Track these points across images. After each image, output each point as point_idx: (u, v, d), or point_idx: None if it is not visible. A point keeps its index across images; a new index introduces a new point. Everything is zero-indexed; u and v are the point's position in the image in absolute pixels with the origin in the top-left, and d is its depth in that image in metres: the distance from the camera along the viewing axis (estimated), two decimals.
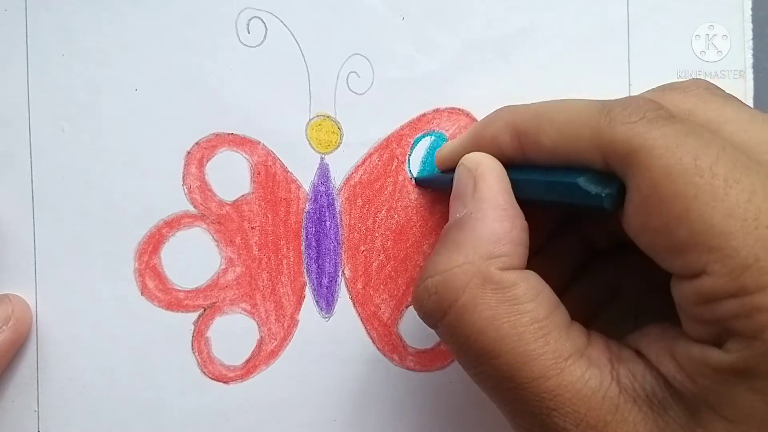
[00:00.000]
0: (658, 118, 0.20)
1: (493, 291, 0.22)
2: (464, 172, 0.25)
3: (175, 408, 0.29)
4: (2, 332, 0.28)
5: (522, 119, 0.24)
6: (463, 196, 0.24)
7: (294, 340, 0.30)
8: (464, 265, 0.23)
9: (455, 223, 0.24)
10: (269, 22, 0.29)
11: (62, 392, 0.29)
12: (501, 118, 0.25)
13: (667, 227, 0.20)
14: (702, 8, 0.30)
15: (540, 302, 0.22)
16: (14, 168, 0.29)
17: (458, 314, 0.22)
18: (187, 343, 0.29)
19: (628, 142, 0.20)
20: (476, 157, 0.25)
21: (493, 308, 0.22)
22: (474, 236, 0.23)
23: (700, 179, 0.19)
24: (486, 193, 0.24)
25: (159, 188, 0.29)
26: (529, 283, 0.22)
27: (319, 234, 0.30)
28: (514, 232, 0.23)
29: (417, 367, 0.30)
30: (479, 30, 0.30)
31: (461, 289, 0.22)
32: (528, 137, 0.24)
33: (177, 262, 0.30)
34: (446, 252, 0.23)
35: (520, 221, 0.24)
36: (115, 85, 0.29)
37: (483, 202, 0.24)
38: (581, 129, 0.22)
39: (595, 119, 0.21)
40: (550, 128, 0.23)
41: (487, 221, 0.23)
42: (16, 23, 0.29)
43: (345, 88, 0.30)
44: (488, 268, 0.22)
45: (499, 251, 0.23)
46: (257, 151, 0.30)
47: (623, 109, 0.21)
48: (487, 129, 0.26)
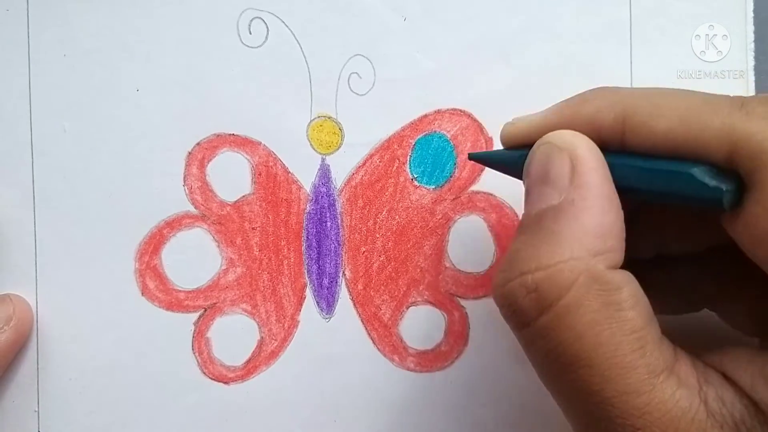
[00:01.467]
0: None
1: (598, 292, 0.20)
2: (555, 152, 0.22)
3: (175, 408, 0.29)
4: (3, 332, 0.28)
5: (631, 100, 0.22)
6: (558, 180, 0.21)
7: (294, 341, 0.30)
8: (571, 261, 0.20)
9: (550, 211, 0.21)
10: (271, 22, 0.29)
11: (63, 392, 0.29)
12: (603, 97, 0.23)
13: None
14: (702, 8, 0.30)
15: (639, 310, 0.20)
16: (15, 168, 0.29)
17: (558, 315, 0.20)
18: (188, 344, 0.29)
19: (765, 138, 0.19)
20: (570, 136, 0.22)
21: (595, 311, 0.20)
22: (580, 228, 0.20)
23: None
24: (590, 179, 0.21)
25: (160, 188, 0.29)
26: (631, 287, 0.20)
27: (320, 235, 0.30)
28: (618, 224, 0.21)
29: (417, 367, 0.30)
30: (480, 31, 0.30)
31: (566, 288, 0.20)
32: (637, 120, 0.21)
33: (178, 262, 0.30)
34: (546, 244, 0.21)
35: (622, 213, 0.21)
36: (116, 85, 0.29)
37: (587, 189, 0.21)
38: (709, 117, 0.20)
39: (727, 110, 0.20)
40: (671, 113, 0.21)
41: (593, 212, 0.21)
42: (18, 23, 0.29)
43: (346, 88, 0.30)
44: (597, 266, 0.20)
45: (607, 246, 0.20)
46: (258, 151, 0.30)
47: (762, 105, 0.19)
48: (585, 106, 0.23)
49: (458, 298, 0.30)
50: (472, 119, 0.30)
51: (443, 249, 0.30)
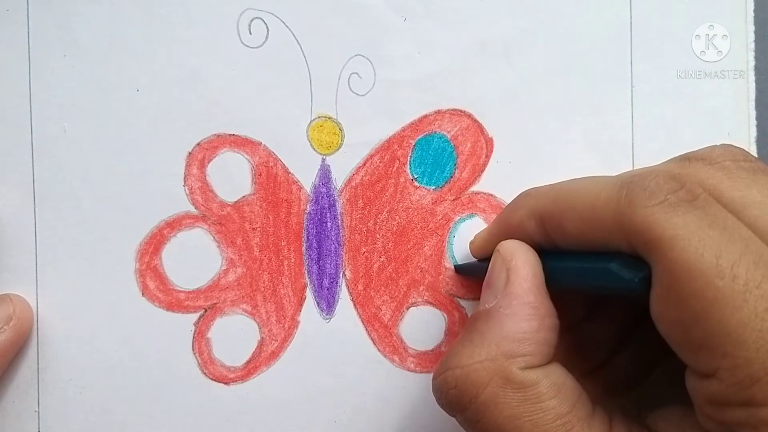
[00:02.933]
0: (680, 201, 0.20)
1: (514, 390, 0.22)
2: (499, 261, 0.25)
3: (175, 408, 0.29)
4: (3, 332, 0.28)
5: (543, 206, 0.24)
6: (495, 286, 0.24)
7: (295, 341, 0.30)
8: (485, 362, 0.22)
9: (483, 314, 0.24)
10: (271, 23, 0.29)
11: (63, 392, 0.29)
12: (523, 205, 0.25)
13: (684, 324, 0.19)
14: (702, 8, 0.30)
15: (562, 397, 0.22)
16: (16, 168, 0.29)
17: (478, 410, 0.22)
18: (188, 344, 0.29)
19: (650, 228, 0.20)
20: (511, 246, 0.25)
21: (514, 408, 0.21)
22: (499, 332, 0.23)
23: (720, 281, 0.18)
24: (517, 288, 0.23)
25: (160, 189, 0.29)
26: (550, 378, 0.22)
27: (320, 235, 0.30)
28: (541, 332, 0.23)
29: (417, 368, 0.30)
30: (481, 31, 0.30)
31: (481, 387, 0.22)
32: (552, 224, 0.24)
33: (178, 262, 0.30)
34: (470, 344, 0.23)
35: (550, 320, 0.23)
36: (116, 85, 0.29)
37: (513, 298, 0.23)
38: (602, 214, 0.21)
39: (614, 202, 0.21)
40: (572, 215, 0.23)
41: (515, 318, 0.23)
42: (18, 23, 0.29)
43: (346, 89, 0.30)
44: (509, 368, 0.22)
45: (523, 351, 0.22)
46: (258, 152, 0.30)
47: (642, 190, 0.20)
48: (512, 217, 0.26)
49: (458, 298, 0.30)
50: (473, 120, 0.30)
51: (443, 250, 0.30)
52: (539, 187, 0.26)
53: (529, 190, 0.26)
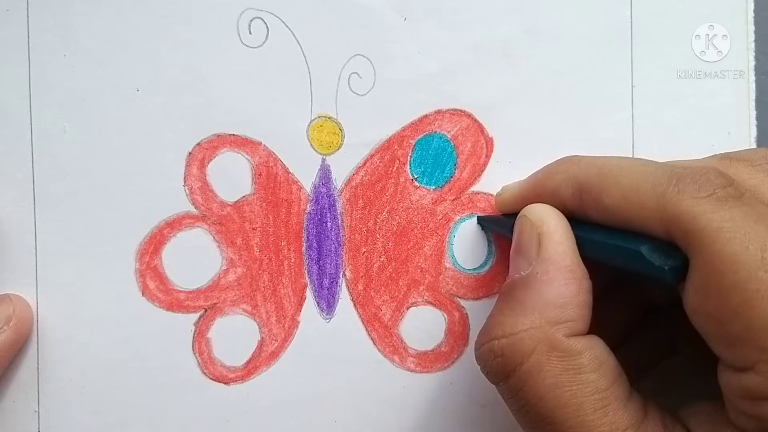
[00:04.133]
0: (728, 197, 0.20)
1: (558, 359, 0.22)
2: (527, 226, 0.25)
3: (175, 408, 0.29)
4: (3, 332, 0.28)
5: (586, 175, 0.24)
6: (527, 252, 0.24)
7: (295, 341, 0.30)
8: (531, 330, 0.22)
9: (520, 282, 0.24)
10: (271, 22, 0.29)
11: (63, 392, 0.29)
12: (564, 170, 0.25)
13: (722, 315, 0.19)
14: (702, 8, 0.30)
15: (603, 372, 0.22)
16: (16, 168, 0.29)
17: (521, 379, 0.22)
18: (188, 344, 0.29)
19: (695, 219, 0.20)
20: (540, 211, 0.25)
21: (557, 376, 0.22)
22: (541, 299, 0.23)
23: (765, 274, 0.19)
24: (552, 253, 0.23)
25: (160, 189, 0.29)
26: (593, 351, 0.22)
27: (320, 235, 0.30)
28: (580, 295, 0.23)
29: (418, 368, 0.30)
30: (481, 31, 0.30)
31: (527, 354, 0.22)
32: (590, 195, 0.23)
33: (178, 262, 0.30)
34: (512, 314, 0.23)
35: (587, 283, 0.23)
36: (116, 85, 0.29)
37: (549, 263, 0.23)
38: (647, 196, 0.21)
39: (662, 187, 0.21)
40: (615, 190, 0.22)
41: (554, 284, 0.23)
42: (18, 23, 0.29)
43: (346, 89, 0.30)
44: (555, 335, 0.22)
45: (567, 316, 0.22)
46: (258, 152, 0.30)
47: (693, 181, 0.21)
48: (549, 180, 0.25)
49: (458, 298, 0.30)
50: (473, 119, 0.30)
51: (443, 249, 0.30)
52: (582, 156, 0.25)
53: (573, 156, 0.26)
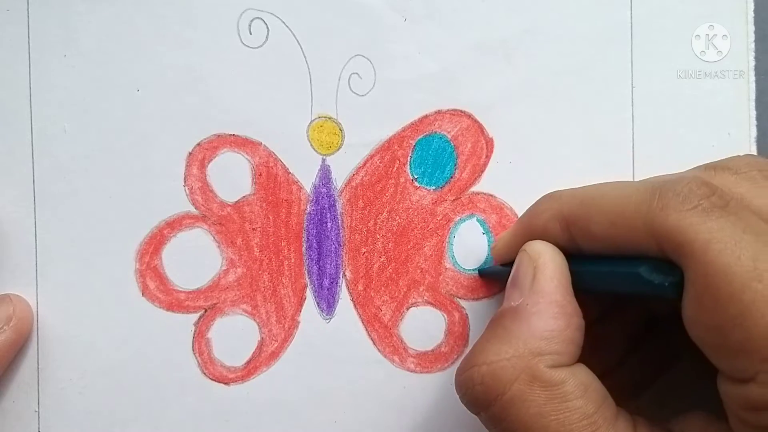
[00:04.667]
0: (714, 207, 0.20)
1: (541, 388, 0.22)
2: (525, 260, 0.25)
3: (175, 409, 0.29)
4: (3, 332, 0.28)
5: (569, 208, 0.24)
6: (522, 284, 0.24)
7: (295, 342, 0.30)
8: (513, 359, 0.22)
9: (510, 311, 0.24)
10: (271, 23, 0.29)
11: (63, 392, 0.29)
12: (547, 208, 0.25)
13: (720, 327, 0.19)
14: (702, 8, 0.30)
15: (589, 397, 0.22)
16: (16, 168, 0.29)
17: (504, 408, 0.22)
18: (188, 344, 0.29)
19: (683, 232, 0.20)
20: (538, 246, 0.25)
21: (541, 406, 0.22)
22: (527, 330, 0.23)
23: (758, 284, 0.18)
24: (544, 287, 0.23)
25: (160, 189, 0.29)
26: (578, 378, 0.22)
27: (320, 235, 0.30)
28: (568, 331, 0.23)
29: (417, 368, 0.30)
30: (481, 31, 0.30)
31: (509, 383, 0.22)
32: (578, 227, 0.24)
33: (178, 262, 0.30)
34: (497, 341, 0.23)
35: (576, 320, 0.23)
36: (116, 85, 0.29)
37: (540, 296, 0.23)
38: (633, 217, 0.21)
39: (646, 206, 0.21)
40: (601, 218, 0.22)
41: (542, 316, 0.23)
42: (18, 23, 0.29)
43: (346, 89, 0.30)
44: (537, 365, 0.22)
45: (551, 349, 0.22)
46: (258, 152, 0.30)
47: (675, 194, 0.20)
48: (536, 220, 0.25)
49: (458, 299, 0.30)
50: (473, 120, 0.30)
51: (444, 250, 0.30)
52: (563, 190, 0.26)
53: (553, 192, 0.26)
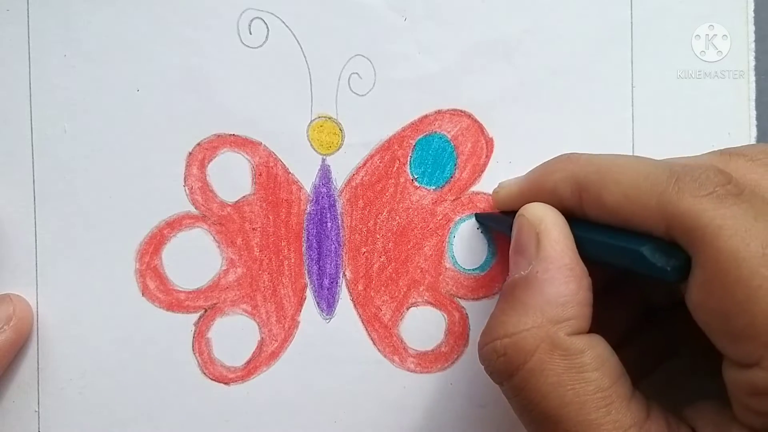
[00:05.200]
0: (728, 194, 0.20)
1: (560, 357, 0.22)
2: (526, 225, 0.25)
3: (175, 409, 0.29)
4: (3, 332, 0.28)
5: (585, 173, 0.24)
6: (527, 251, 0.24)
7: (295, 342, 0.30)
8: (533, 329, 0.22)
9: (521, 281, 0.24)
10: (271, 23, 0.29)
11: (63, 392, 0.29)
12: (562, 169, 0.25)
13: (726, 312, 0.19)
14: (702, 8, 0.30)
15: (605, 371, 0.22)
16: (16, 168, 0.29)
17: (524, 378, 0.22)
18: (188, 344, 0.29)
19: (697, 217, 0.20)
20: (539, 210, 0.25)
21: (559, 375, 0.22)
22: (542, 298, 0.23)
23: (766, 270, 0.19)
24: (551, 252, 0.23)
25: (160, 189, 0.29)
26: (596, 350, 0.22)
27: (320, 235, 0.30)
28: (581, 293, 0.23)
29: (418, 368, 0.30)
30: (481, 31, 0.30)
31: (530, 353, 0.22)
32: (590, 194, 0.23)
33: (178, 262, 0.30)
34: (515, 313, 0.23)
35: (586, 280, 0.23)
36: (116, 85, 0.29)
37: (549, 262, 0.23)
38: (647, 195, 0.21)
39: (662, 186, 0.21)
40: (615, 189, 0.22)
41: (554, 282, 0.23)
42: (18, 23, 0.29)
43: (346, 89, 0.30)
44: (557, 333, 0.22)
45: (568, 314, 0.22)
46: (258, 152, 0.30)
47: (693, 180, 0.21)
48: (547, 178, 0.25)
49: (458, 299, 0.30)
50: (473, 120, 0.30)
51: (443, 250, 0.30)
52: (580, 154, 0.25)
53: (570, 154, 0.26)
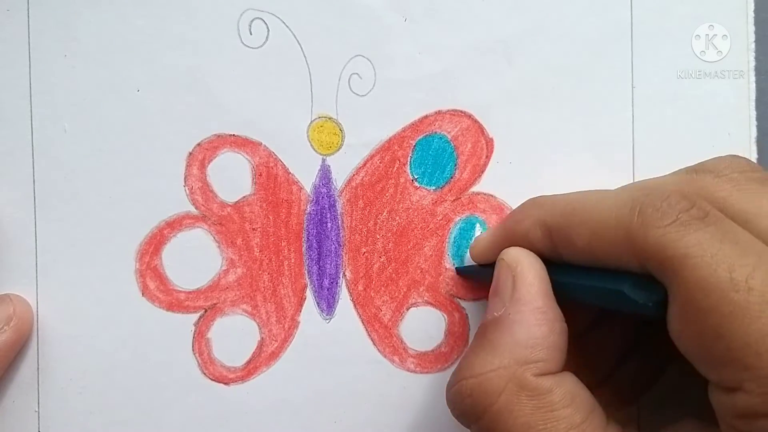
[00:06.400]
0: (691, 219, 0.20)
1: (528, 398, 0.22)
2: (504, 268, 0.25)
3: (175, 409, 0.29)
4: (4, 332, 0.28)
5: (551, 217, 0.24)
6: (502, 294, 0.24)
7: (295, 342, 0.30)
8: (499, 370, 0.22)
9: (492, 322, 0.24)
10: (271, 23, 0.29)
11: (63, 392, 0.29)
12: (530, 215, 0.25)
13: (703, 340, 0.19)
14: (702, 8, 0.30)
15: (576, 407, 0.22)
16: (16, 168, 0.29)
17: (492, 419, 0.22)
18: (188, 344, 0.29)
19: (663, 249, 0.20)
20: (516, 253, 0.25)
21: (528, 415, 0.22)
22: (511, 340, 0.23)
23: (735, 295, 0.18)
24: (525, 295, 0.23)
25: (160, 189, 0.29)
26: (564, 387, 0.22)
27: (321, 235, 0.30)
28: (552, 337, 0.23)
29: (417, 368, 0.30)
30: (481, 31, 0.30)
31: (496, 395, 0.22)
32: (560, 237, 0.24)
33: (178, 263, 0.30)
34: (483, 353, 0.23)
35: (559, 325, 0.23)
36: (117, 85, 0.29)
37: (522, 304, 0.23)
38: (614, 232, 0.21)
39: (626, 221, 0.21)
40: (582, 230, 0.22)
41: (524, 324, 0.23)
42: (18, 23, 0.29)
43: (347, 89, 0.30)
44: (524, 374, 0.22)
45: (536, 357, 0.22)
46: (259, 152, 0.30)
47: (654, 210, 0.20)
48: (518, 226, 0.25)
49: (458, 299, 0.30)
50: (473, 120, 0.30)
51: (444, 250, 0.30)
52: (547, 197, 0.26)
53: (537, 198, 0.26)
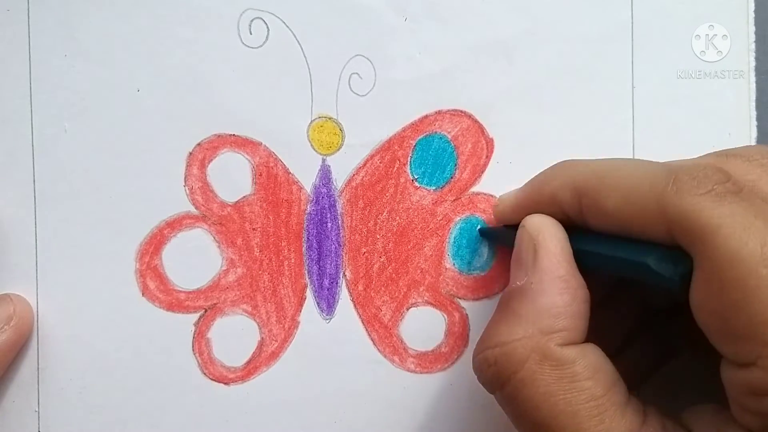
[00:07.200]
0: (727, 192, 0.20)
1: (551, 367, 0.22)
2: (525, 236, 0.25)
3: (175, 409, 0.29)
4: (4, 332, 0.28)
5: (583, 179, 0.24)
6: (524, 262, 0.24)
7: (295, 342, 0.30)
8: (524, 339, 0.23)
9: (516, 292, 0.24)
10: (271, 23, 0.29)
11: (63, 392, 0.29)
12: (561, 175, 0.25)
13: (724, 312, 0.19)
14: (702, 8, 0.30)
15: (598, 379, 0.22)
16: (16, 168, 0.29)
17: (516, 387, 0.22)
18: (188, 344, 0.29)
19: (695, 216, 0.20)
20: (538, 221, 0.25)
21: (550, 384, 0.22)
22: (534, 309, 0.23)
23: (764, 270, 0.18)
24: (547, 263, 0.23)
25: (160, 189, 0.29)
26: (588, 359, 0.22)
27: (321, 235, 0.30)
28: (574, 305, 0.23)
29: (418, 368, 0.30)
30: (482, 31, 0.30)
31: (520, 364, 0.22)
32: (589, 199, 0.23)
33: (178, 263, 0.30)
34: (507, 323, 0.23)
35: (582, 292, 0.23)
36: (117, 85, 0.29)
37: (544, 273, 0.23)
38: (646, 197, 0.21)
39: (660, 187, 0.21)
40: (614, 193, 0.22)
41: (547, 294, 0.23)
42: (19, 23, 0.29)
43: (347, 89, 0.30)
44: (547, 344, 0.22)
45: (559, 326, 0.22)
46: (259, 152, 0.30)
47: (691, 178, 0.20)
48: (546, 186, 0.25)
49: (458, 299, 0.30)
50: (473, 120, 0.30)
51: (444, 250, 0.30)
52: (577, 160, 0.25)
53: (567, 161, 0.26)
